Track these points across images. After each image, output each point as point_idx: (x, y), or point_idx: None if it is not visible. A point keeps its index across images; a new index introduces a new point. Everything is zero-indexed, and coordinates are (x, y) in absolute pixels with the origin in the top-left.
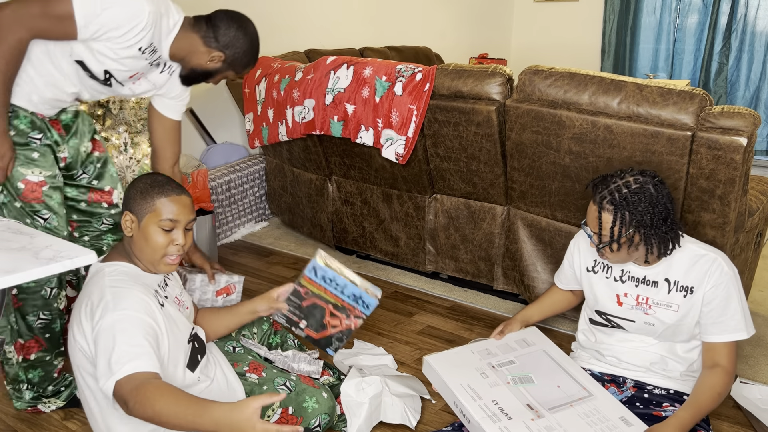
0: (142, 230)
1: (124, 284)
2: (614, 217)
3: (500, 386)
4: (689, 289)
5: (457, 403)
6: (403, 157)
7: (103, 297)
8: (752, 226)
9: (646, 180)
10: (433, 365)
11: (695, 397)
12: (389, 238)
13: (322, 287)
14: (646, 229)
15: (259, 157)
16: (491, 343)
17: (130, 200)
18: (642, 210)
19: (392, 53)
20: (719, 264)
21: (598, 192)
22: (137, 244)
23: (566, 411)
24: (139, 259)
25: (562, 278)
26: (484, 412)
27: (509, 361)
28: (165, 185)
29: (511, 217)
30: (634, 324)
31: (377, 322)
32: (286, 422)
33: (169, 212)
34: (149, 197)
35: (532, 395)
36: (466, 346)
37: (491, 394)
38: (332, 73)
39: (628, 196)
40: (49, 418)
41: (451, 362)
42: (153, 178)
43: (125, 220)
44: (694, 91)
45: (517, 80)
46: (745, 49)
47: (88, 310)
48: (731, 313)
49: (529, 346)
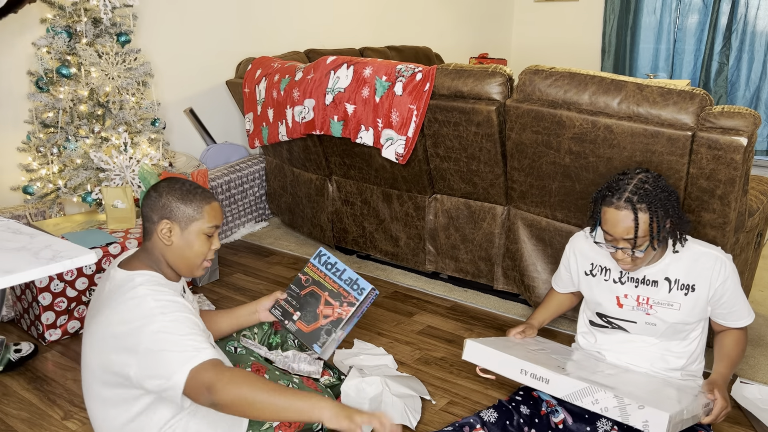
0: (185, 237)
1: (162, 288)
2: (651, 213)
3: (554, 359)
4: (690, 287)
5: (525, 370)
6: (403, 157)
7: (143, 303)
8: (752, 226)
9: (652, 174)
10: (482, 345)
11: (725, 353)
12: (389, 238)
13: (323, 273)
14: (675, 217)
15: (259, 157)
16: (513, 339)
17: (168, 208)
18: (665, 199)
19: (392, 53)
20: (722, 261)
21: (618, 197)
22: (176, 252)
23: (624, 374)
24: (175, 265)
25: (560, 283)
26: (561, 371)
27: (540, 349)
28: (204, 191)
29: (511, 217)
30: (635, 325)
31: (377, 322)
32: (288, 425)
33: (215, 218)
34: (194, 204)
35: (586, 367)
36: (494, 338)
37: (553, 362)
38: (332, 73)
39: (651, 190)
40: (49, 418)
41: (494, 344)
42: (183, 183)
43: (162, 229)
44: (694, 91)
45: (517, 80)
46: (745, 49)
47: (126, 319)
48: (741, 303)
49: (546, 342)
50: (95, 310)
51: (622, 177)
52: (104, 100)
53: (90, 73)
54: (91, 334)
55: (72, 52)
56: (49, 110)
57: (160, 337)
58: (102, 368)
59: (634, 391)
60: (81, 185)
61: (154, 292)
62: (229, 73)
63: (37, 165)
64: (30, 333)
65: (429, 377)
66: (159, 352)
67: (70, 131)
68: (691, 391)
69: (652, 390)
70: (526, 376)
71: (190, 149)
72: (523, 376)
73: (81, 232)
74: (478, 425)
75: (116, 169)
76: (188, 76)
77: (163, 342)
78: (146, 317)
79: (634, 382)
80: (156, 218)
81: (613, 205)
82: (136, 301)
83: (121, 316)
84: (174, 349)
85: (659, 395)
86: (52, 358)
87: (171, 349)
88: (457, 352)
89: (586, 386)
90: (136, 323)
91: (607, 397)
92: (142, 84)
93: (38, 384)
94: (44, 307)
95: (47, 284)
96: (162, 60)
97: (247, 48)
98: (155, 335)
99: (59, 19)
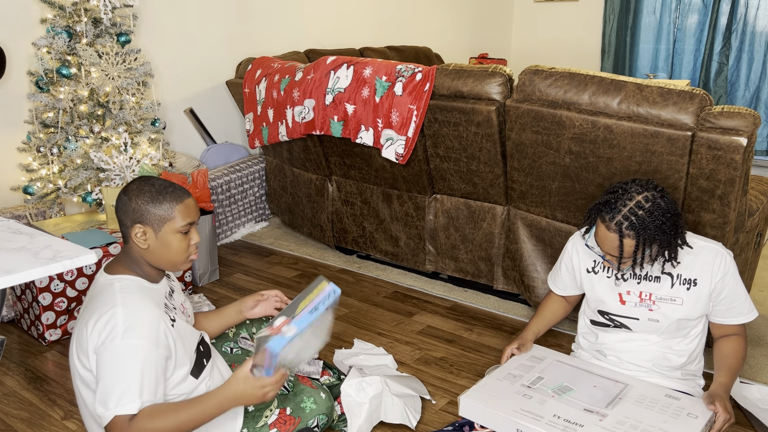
0: (161, 239)
1: (137, 303)
2: (637, 241)
3: (549, 401)
4: (692, 282)
5: (522, 430)
6: (403, 157)
7: (113, 317)
8: (752, 226)
9: (654, 195)
10: (476, 401)
11: (725, 363)
12: (389, 238)
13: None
14: (663, 241)
15: (259, 157)
16: (508, 366)
17: (138, 212)
18: (659, 225)
19: (392, 53)
20: (723, 255)
21: (611, 218)
22: (155, 253)
23: (621, 404)
24: (157, 265)
25: (559, 283)
26: (555, 428)
27: (537, 377)
28: (176, 189)
29: (511, 217)
30: (638, 322)
31: (377, 322)
32: (283, 422)
33: (188, 216)
34: (165, 204)
35: (582, 401)
36: (489, 377)
37: (548, 410)
38: (332, 73)
39: (645, 218)
40: (49, 417)
41: (488, 394)
42: (153, 183)
43: (136, 233)
44: (694, 91)
45: (517, 80)
46: (745, 49)
47: (96, 325)
48: (741, 299)
49: (543, 360)
50: (81, 314)
51: (622, 192)
52: (104, 100)
53: (90, 73)
54: (74, 337)
55: (72, 52)
56: (50, 110)
57: (110, 360)
58: (79, 368)
59: None
60: (81, 185)
61: (125, 302)
62: (229, 73)
63: (38, 165)
64: (30, 333)
65: (429, 377)
66: (105, 375)
67: (70, 131)
68: (693, 410)
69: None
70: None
71: (190, 149)
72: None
73: (81, 232)
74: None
75: (116, 169)
76: (188, 76)
77: (109, 367)
78: (111, 330)
79: (633, 421)
80: (129, 222)
81: (605, 223)
82: (108, 311)
83: (94, 321)
84: (111, 385)
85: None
86: (52, 358)
87: (108, 383)
88: (457, 352)
89: None
90: (104, 333)
91: None
92: (142, 84)
93: (38, 384)
94: (44, 307)
95: (47, 284)
96: (162, 60)
97: (247, 48)
98: (109, 356)
99: (59, 19)
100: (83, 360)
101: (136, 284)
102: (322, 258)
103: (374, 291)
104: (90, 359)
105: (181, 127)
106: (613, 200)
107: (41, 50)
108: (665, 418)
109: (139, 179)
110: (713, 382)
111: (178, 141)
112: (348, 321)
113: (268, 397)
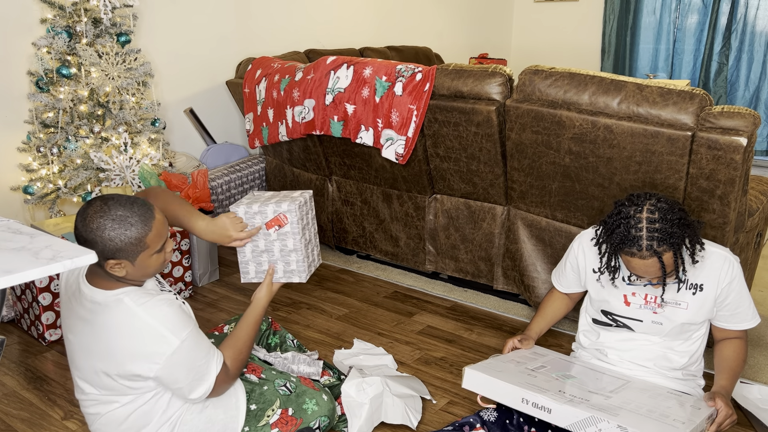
0: (137, 265)
1: (157, 304)
2: (674, 252)
3: (554, 381)
4: (699, 287)
5: (527, 399)
6: (403, 157)
7: (155, 329)
8: (752, 226)
9: (651, 202)
10: (481, 373)
11: (726, 366)
12: (389, 238)
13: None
14: (689, 232)
15: (259, 157)
16: (512, 355)
17: (108, 249)
18: (677, 222)
19: (392, 53)
20: (730, 261)
21: (639, 248)
22: (134, 275)
23: (625, 391)
24: (140, 279)
25: (563, 281)
26: (562, 398)
27: (541, 365)
28: (139, 213)
29: (511, 217)
30: (641, 324)
31: (377, 322)
32: (285, 423)
33: (160, 237)
34: (134, 237)
35: (586, 385)
36: (493, 359)
37: (553, 386)
38: (332, 73)
39: (664, 226)
40: (49, 417)
41: (493, 368)
42: (112, 216)
43: (111, 267)
44: (694, 91)
45: (517, 80)
46: (745, 49)
47: (144, 349)
48: (746, 305)
49: (545, 356)
50: (81, 325)
51: (626, 221)
52: (104, 100)
53: (90, 73)
54: (90, 351)
55: (72, 52)
56: (50, 110)
57: (181, 360)
58: (113, 373)
59: (638, 420)
60: (81, 185)
61: (148, 310)
62: (229, 73)
63: (37, 165)
64: (30, 333)
65: (429, 377)
66: (185, 369)
67: (70, 131)
68: (696, 404)
69: (657, 412)
70: (528, 405)
71: (190, 149)
72: (524, 405)
73: None
74: (478, 424)
75: (116, 169)
76: (188, 76)
77: (186, 362)
78: (163, 342)
79: (638, 402)
80: (101, 259)
81: (636, 255)
82: (139, 325)
83: (131, 342)
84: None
85: (665, 419)
86: (52, 358)
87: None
88: (457, 352)
89: (589, 416)
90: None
91: (611, 427)
92: (142, 84)
93: (38, 384)
94: (44, 307)
95: (47, 284)
96: (162, 60)
97: (247, 48)
98: (177, 358)
99: (59, 19)
100: (122, 381)
101: (138, 291)
102: (321, 258)
103: (374, 291)
104: (146, 378)
105: (181, 127)
106: (626, 233)
107: (41, 50)
108: (669, 404)
109: (93, 208)
110: (714, 385)
111: (178, 141)
112: (348, 321)
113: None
